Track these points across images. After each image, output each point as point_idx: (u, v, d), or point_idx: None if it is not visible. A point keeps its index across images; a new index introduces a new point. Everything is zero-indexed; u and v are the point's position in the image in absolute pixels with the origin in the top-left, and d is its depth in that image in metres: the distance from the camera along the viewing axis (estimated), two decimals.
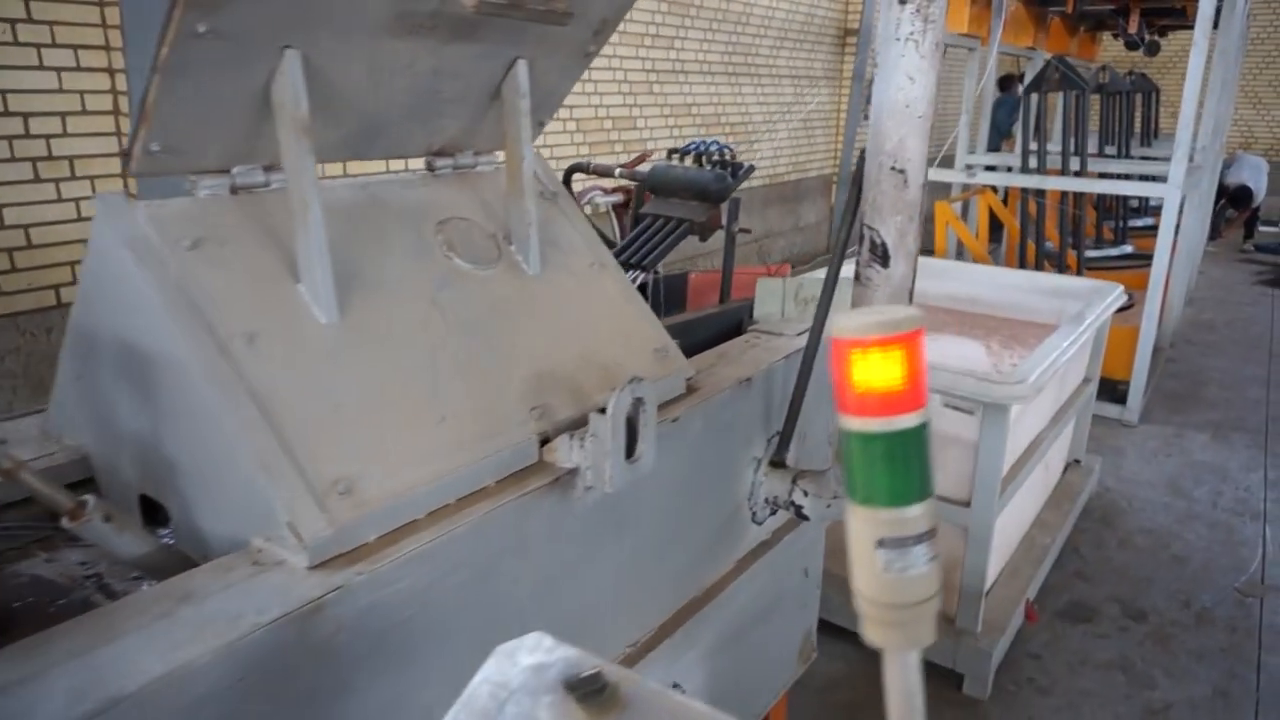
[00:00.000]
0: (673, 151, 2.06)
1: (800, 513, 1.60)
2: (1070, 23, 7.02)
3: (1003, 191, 6.32)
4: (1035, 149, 5.64)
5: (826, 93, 9.39)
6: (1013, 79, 9.63)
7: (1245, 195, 9.68)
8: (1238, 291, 8.19)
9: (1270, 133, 14.07)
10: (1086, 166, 5.73)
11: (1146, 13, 6.47)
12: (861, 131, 9.09)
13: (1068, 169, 5.56)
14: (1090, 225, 6.66)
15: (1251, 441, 4.67)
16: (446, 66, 1.19)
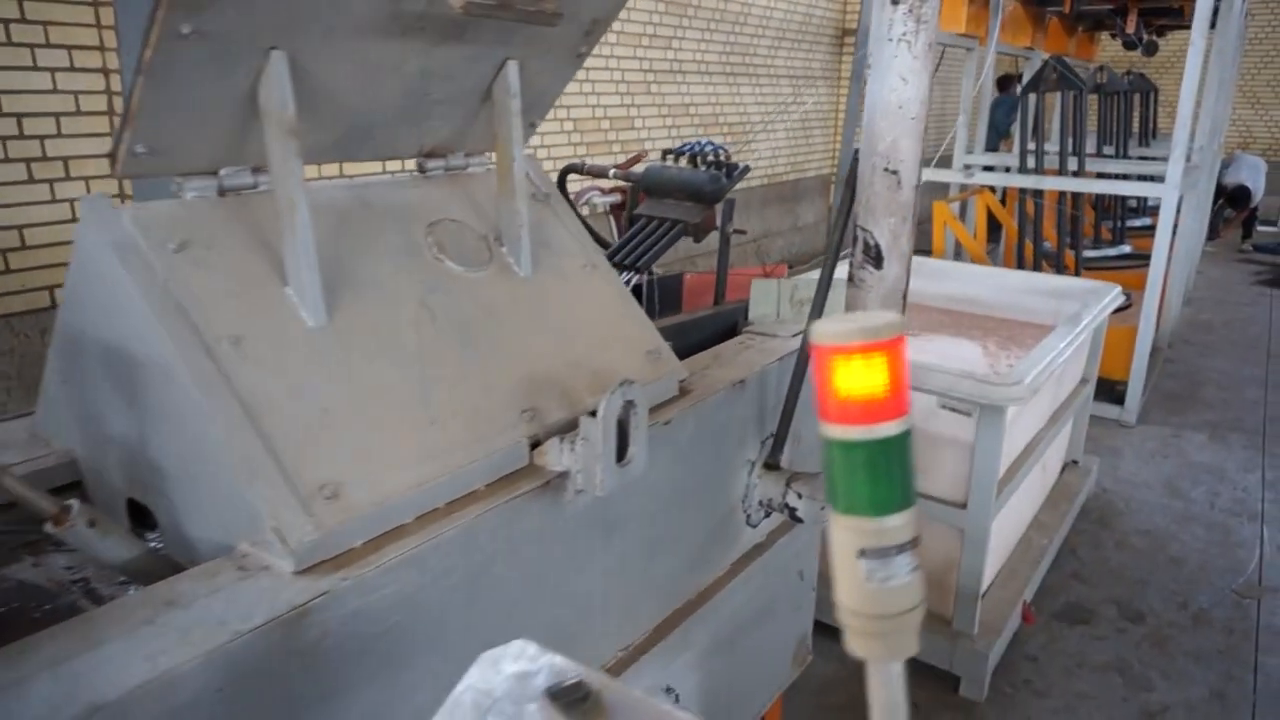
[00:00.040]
0: (667, 152, 2.05)
1: (794, 515, 1.60)
2: (1068, 23, 7.02)
3: (1001, 192, 6.31)
4: (1033, 149, 5.64)
5: (824, 93, 9.38)
6: (1011, 79, 9.63)
7: (1243, 195, 9.68)
8: (1236, 291, 8.18)
9: (1269, 132, 14.08)
10: (1084, 166, 5.73)
11: (1144, 13, 6.47)
12: (859, 131, 9.07)
13: (1065, 169, 5.56)
14: (1088, 225, 6.66)
15: (1249, 442, 4.67)
16: (436, 67, 1.18)
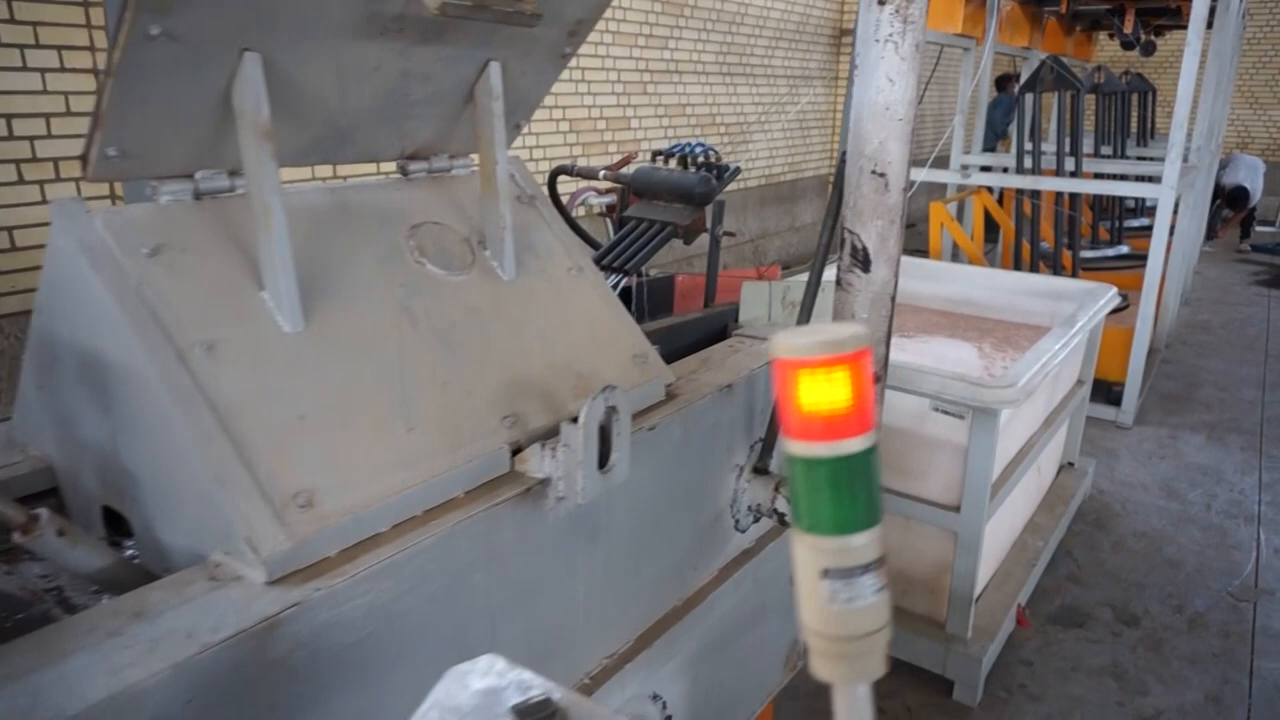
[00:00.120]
0: (657, 153, 2.04)
1: (784, 520, 1.58)
2: (1066, 23, 7.01)
3: (998, 192, 6.30)
4: (1030, 149, 5.63)
5: (822, 93, 9.37)
6: (1011, 78, 9.61)
7: (1242, 195, 9.68)
8: (1234, 292, 8.17)
9: (1267, 133, 14.06)
10: (1082, 167, 5.71)
11: (1142, 12, 6.46)
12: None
13: (1063, 169, 5.55)
14: (1086, 226, 6.65)
15: (1246, 444, 4.65)
16: (416, 69, 1.17)
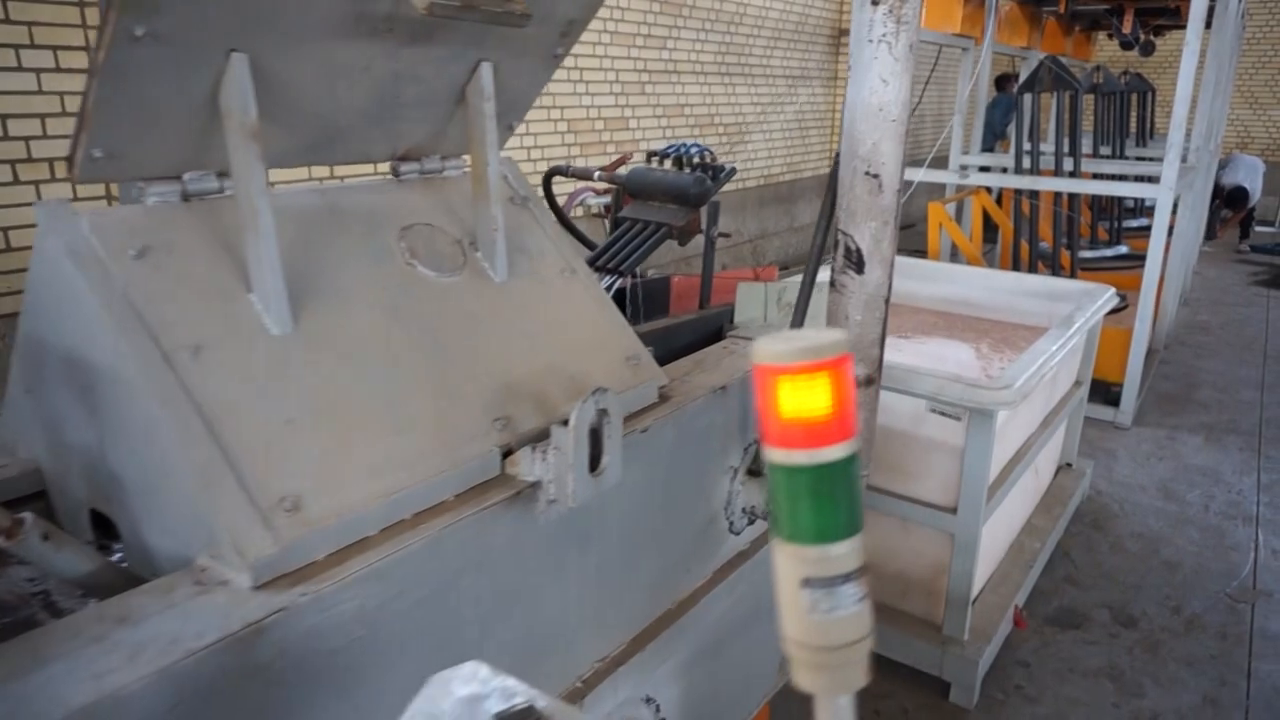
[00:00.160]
0: (652, 154, 2.03)
1: None
2: (1064, 22, 7.01)
3: (997, 192, 6.29)
4: (1029, 149, 5.62)
5: (820, 93, 9.36)
6: (1010, 78, 9.60)
7: (1241, 196, 9.67)
8: (1233, 292, 8.16)
9: (1267, 133, 14.04)
10: (1080, 167, 5.71)
11: (1140, 12, 6.46)
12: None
13: (1061, 170, 5.54)
14: (1085, 226, 6.64)
15: (1245, 444, 4.65)
16: (406, 70, 1.16)
